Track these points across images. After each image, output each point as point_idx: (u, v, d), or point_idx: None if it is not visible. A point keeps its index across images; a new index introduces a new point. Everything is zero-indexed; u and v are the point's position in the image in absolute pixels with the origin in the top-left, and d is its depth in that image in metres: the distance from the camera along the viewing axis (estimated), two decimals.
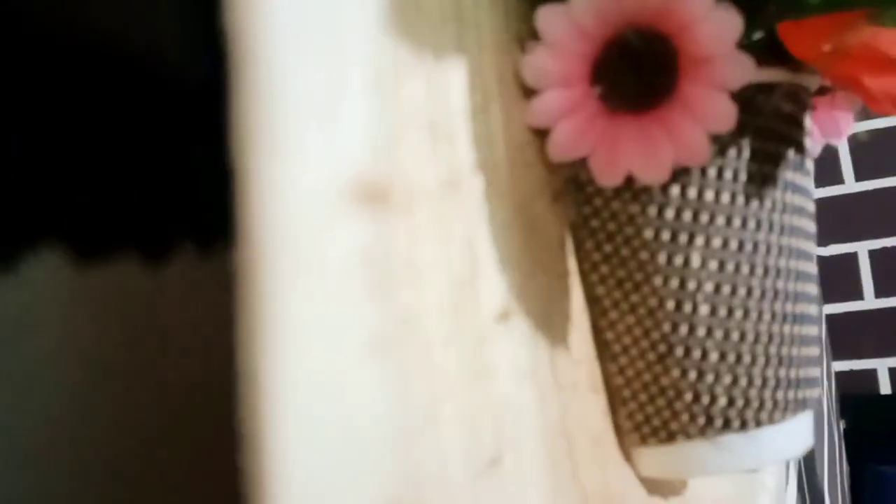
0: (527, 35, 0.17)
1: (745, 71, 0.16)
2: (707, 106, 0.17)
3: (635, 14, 0.16)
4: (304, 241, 0.09)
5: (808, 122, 0.20)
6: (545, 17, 0.16)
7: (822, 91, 0.20)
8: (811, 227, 0.21)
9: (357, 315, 0.10)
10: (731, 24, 0.16)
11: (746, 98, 0.18)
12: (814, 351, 0.21)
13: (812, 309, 0.21)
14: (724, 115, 0.16)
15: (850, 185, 1.18)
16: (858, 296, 1.20)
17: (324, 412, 0.09)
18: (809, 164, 0.21)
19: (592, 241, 0.19)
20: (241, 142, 0.09)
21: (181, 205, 0.15)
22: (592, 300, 0.20)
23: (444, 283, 0.12)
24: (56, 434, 0.13)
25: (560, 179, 0.19)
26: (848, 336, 1.20)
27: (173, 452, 0.14)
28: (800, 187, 0.20)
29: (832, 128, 0.21)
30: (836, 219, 1.19)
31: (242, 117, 0.09)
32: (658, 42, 0.17)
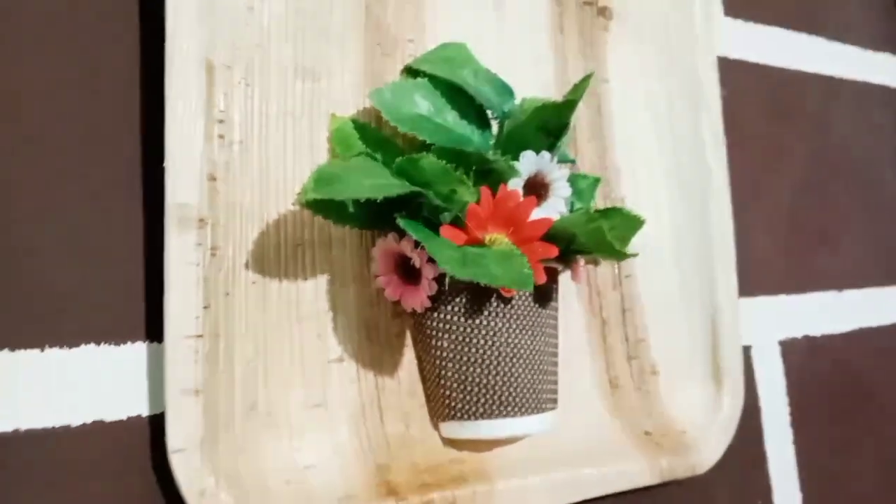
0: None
1: (435, 272, 0.42)
2: (426, 285, 0.42)
3: (400, 253, 0.43)
4: None
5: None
6: (375, 251, 0.44)
7: None
8: (526, 324, 0.44)
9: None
10: (425, 257, 0.42)
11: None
12: (521, 392, 0.44)
13: (518, 364, 0.44)
14: (432, 287, 0.42)
15: None
16: None
17: None
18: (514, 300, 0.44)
19: (416, 330, 0.46)
20: None
21: None
22: (418, 356, 0.46)
23: (296, 349, 0.41)
24: None
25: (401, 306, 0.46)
26: None
27: None
28: (504, 311, 0.43)
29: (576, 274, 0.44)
30: None
31: None
32: (410, 260, 0.43)
